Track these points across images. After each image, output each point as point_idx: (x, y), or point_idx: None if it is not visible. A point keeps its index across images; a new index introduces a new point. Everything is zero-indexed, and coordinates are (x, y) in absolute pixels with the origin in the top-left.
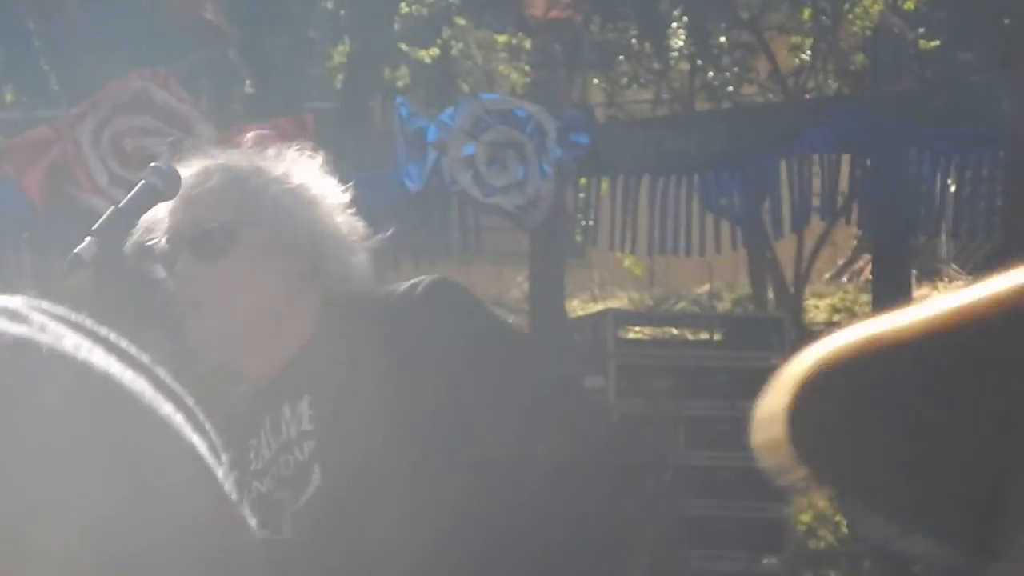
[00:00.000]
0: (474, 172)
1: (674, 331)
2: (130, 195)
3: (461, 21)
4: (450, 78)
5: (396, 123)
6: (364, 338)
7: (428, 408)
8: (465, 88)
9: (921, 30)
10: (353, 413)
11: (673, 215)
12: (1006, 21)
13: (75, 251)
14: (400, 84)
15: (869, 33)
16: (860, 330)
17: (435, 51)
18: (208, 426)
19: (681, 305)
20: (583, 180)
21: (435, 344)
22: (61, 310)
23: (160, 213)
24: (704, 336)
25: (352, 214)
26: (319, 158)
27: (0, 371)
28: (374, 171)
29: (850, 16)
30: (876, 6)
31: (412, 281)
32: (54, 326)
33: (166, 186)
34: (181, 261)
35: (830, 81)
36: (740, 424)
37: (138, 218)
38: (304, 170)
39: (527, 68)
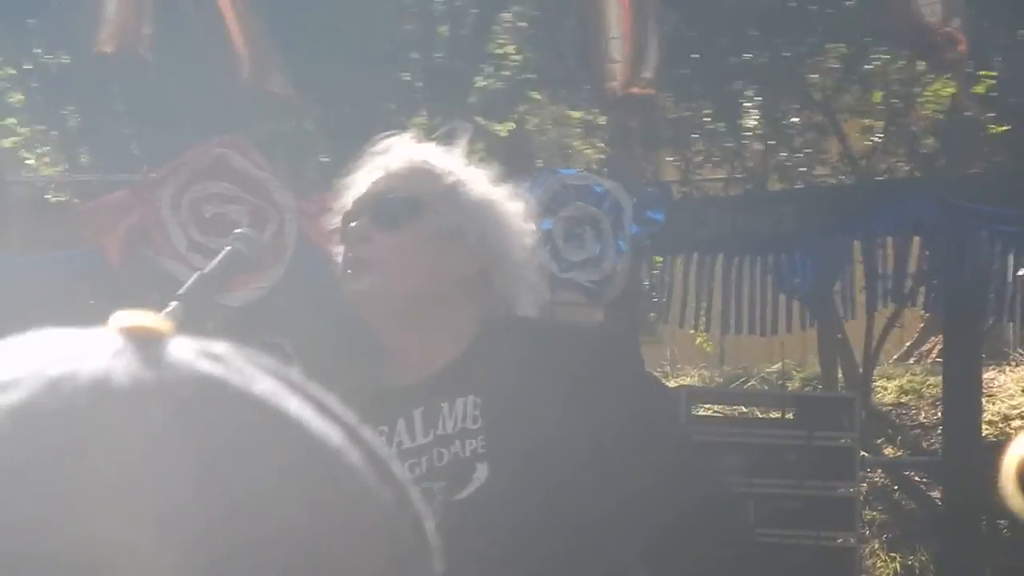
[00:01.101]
0: (551, 246)
1: (744, 409)
2: (215, 261)
3: (536, 96)
4: (525, 152)
5: None
6: (533, 354)
7: (595, 427)
8: (540, 163)
9: (992, 114)
10: (525, 419)
11: (748, 295)
12: None
13: (161, 315)
14: (477, 158)
15: (940, 116)
16: None
17: (510, 125)
18: (400, 478)
19: (751, 383)
20: (658, 258)
21: (607, 372)
22: (268, 359)
23: (353, 185)
24: (775, 415)
25: (537, 254)
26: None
27: (186, 408)
28: None
29: (921, 99)
30: (948, 89)
31: (582, 324)
32: (252, 371)
33: (250, 252)
34: (360, 222)
35: (901, 164)
36: (810, 502)
37: (221, 284)
38: (504, 194)
39: (601, 144)
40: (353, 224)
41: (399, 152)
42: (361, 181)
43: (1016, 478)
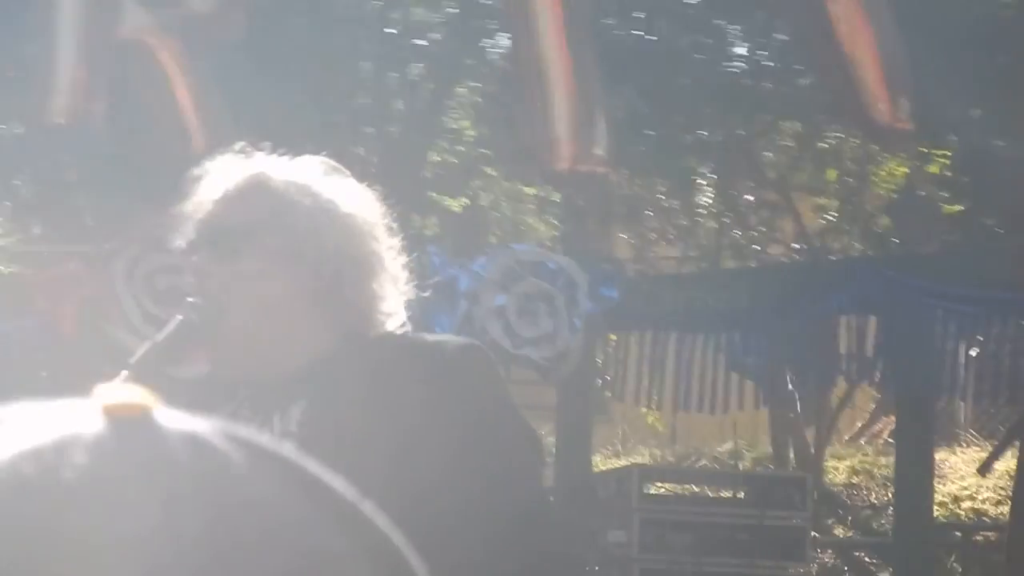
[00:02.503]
0: (504, 323)
1: (696, 488)
2: (166, 330)
3: (490, 171)
4: (478, 228)
5: (428, 271)
6: (378, 368)
7: (422, 451)
8: (493, 239)
9: (945, 194)
10: (345, 425)
11: (699, 372)
12: None
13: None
14: (428, 232)
15: (894, 196)
16: None
17: (464, 200)
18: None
19: (702, 463)
20: (612, 335)
21: (454, 397)
22: (254, 436)
23: (195, 203)
24: (727, 494)
25: (401, 261)
26: (374, 191)
27: (166, 507)
28: None
29: (875, 178)
30: (902, 169)
31: (446, 336)
32: (238, 454)
33: (203, 322)
34: (199, 256)
35: (855, 242)
36: None
37: (174, 354)
38: (348, 193)
39: (555, 220)
40: (193, 259)
41: (232, 170)
42: (198, 205)
43: None
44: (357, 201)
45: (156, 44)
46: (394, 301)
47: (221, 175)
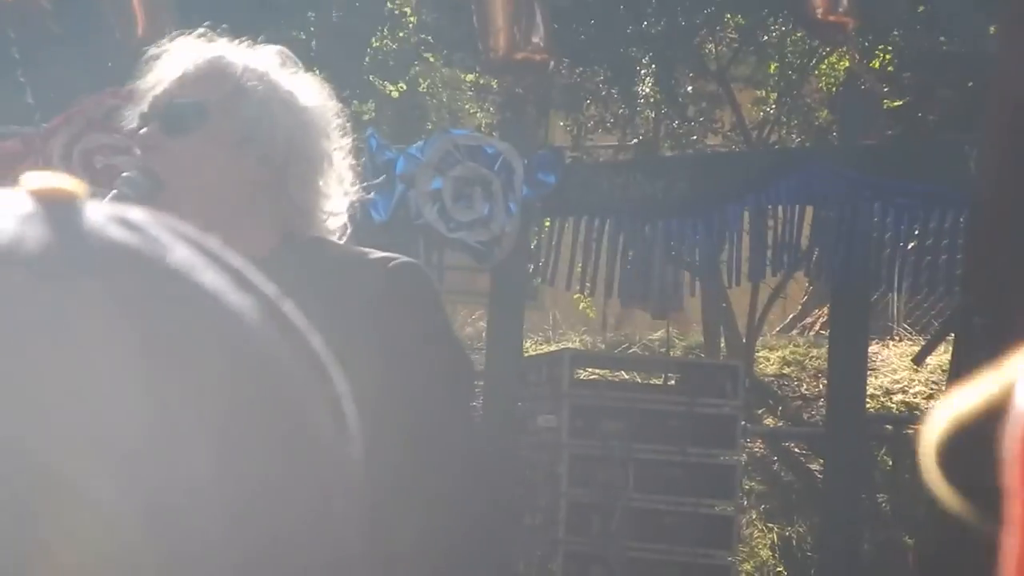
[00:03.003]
0: (440, 206)
1: (626, 375)
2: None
3: (430, 58)
4: (416, 114)
5: (365, 154)
6: (316, 275)
7: (357, 359)
8: (430, 126)
9: (887, 88)
10: None
11: (633, 260)
12: (970, 84)
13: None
14: (366, 117)
15: (835, 90)
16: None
17: (402, 86)
18: (318, 352)
19: (634, 350)
20: (547, 221)
21: (391, 312)
22: (189, 229)
23: (150, 80)
24: (658, 381)
25: (350, 162)
26: (333, 96)
27: (93, 277)
28: None
29: (816, 72)
30: (843, 63)
31: (387, 253)
32: (170, 240)
33: (136, 196)
34: (149, 128)
35: (794, 136)
36: (690, 469)
37: None
38: (304, 88)
39: (492, 109)
40: (143, 131)
41: (194, 52)
42: (154, 82)
43: (936, 457)
44: (313, 96)
45: None
46: (338, 201)
47: (180, 56)
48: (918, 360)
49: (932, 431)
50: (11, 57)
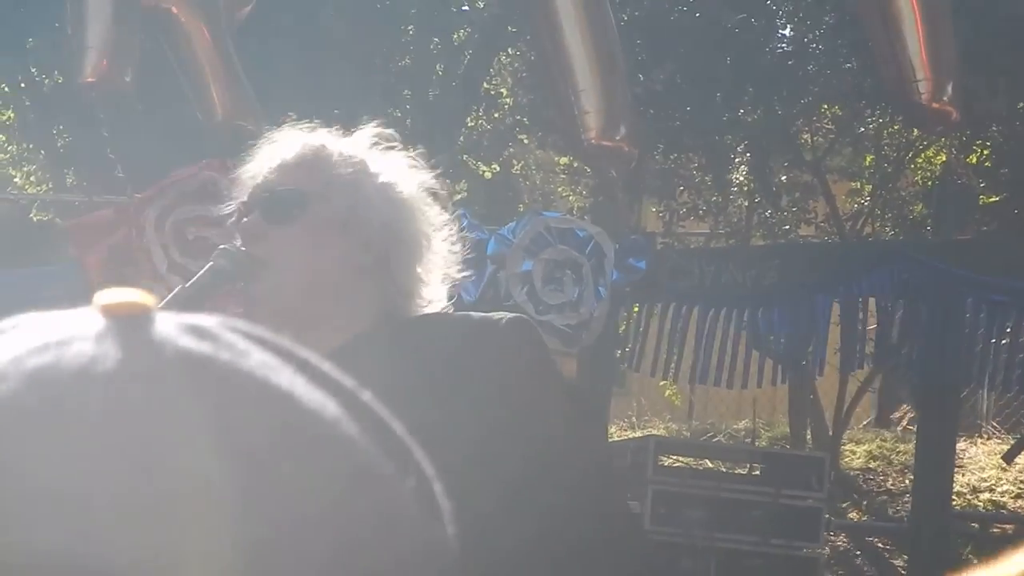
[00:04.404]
0: (530, 288)
1: (710, 464)
2: (197, 276)
3: (524, 139)
4: (509, 195)
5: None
6: (421, 345)
7: (472, 427)
8: (522, 207)
9: (983, 183)
10: (388, 405)
11: (719, 348)
12: None
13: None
14: (459, 197)
15: (930, 184)
16: None
17: (496, 167)
18: (403, 441)
19: (718, 439)
20: (635, 306)
21: (506, 372)
22: (261, 331)
23: (251, 170)
24: (742, 470)
25: (453, 243)
26: (430, 175)
27: (173, 391)
28: None
29: (912, 166)
30: (940, 157)
31: (489, 314)
32: (244, 345)
33: (233, 268)
34: (251, 218)
35: (887, 228)
36: (773, 561)
37: (203, 301)
38: (404, 174)
39: (585, 192)
40: (245, 220)
41: (292, 141)
42: (255, 172)
43: None
44: (410, 180)
45: (182, 13)
46: (437, 287)
47: (279, 144)
48: (1008, 458)
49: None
50: (101, 136)
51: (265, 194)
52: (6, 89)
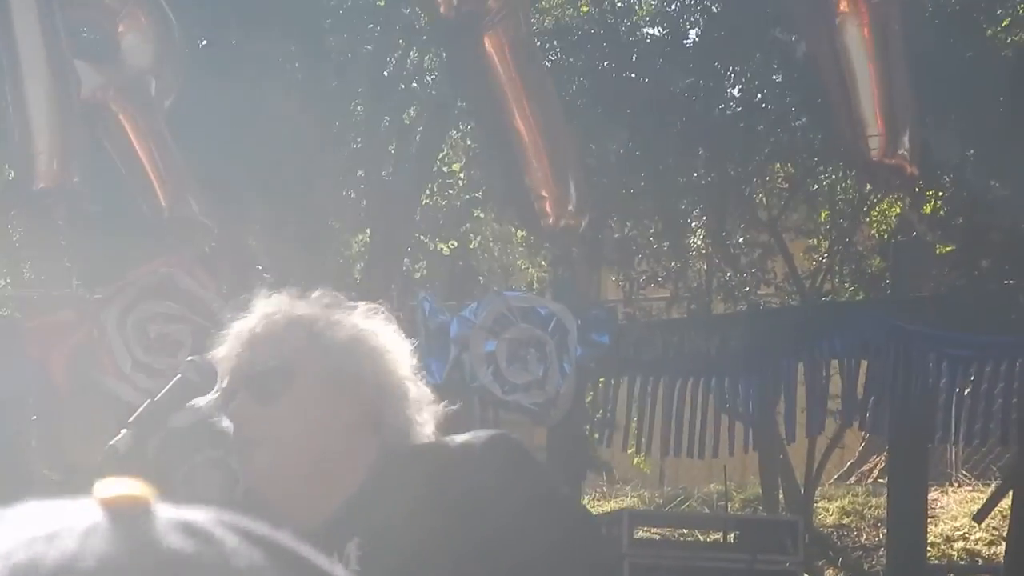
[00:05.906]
0: (494, 368)
1: (685, 532)
2: (166, 389)
3: (479, 215)
4: (469, 270)
5: (419, 317)
6: (418, 485)
7: (478, 558)
8: (482, 281)
9: (939, 233)
10: (402, 556)
11: (689, 417)
12: (1023, 226)
13: (111, 443)
14: (418, 275)
15: (886, 236)
16: None
17: (453, 243)
18: None
19: (690, 504)
20: (601, 380)
21: (493, 496)
22: (251, 525)
23: (223, 352)
24: (717, 537)
25: (421, 386)
26: (391, 318)
27: None
28: None
29: (867, 219)
30: (894, 209)
31: (471, 434)
32: (234, 543)
33: (201, 380)
34: (238, 400)
35: (847, 284)
36: None
37: (171, 413)
38: (373, 323)
39: (544, 263)
40: (232, 405)
41: (256, 315)
42: (227, 354)
43: None
44: (378, 328)
45: (116, 105)
46: (429, 427)
47: (247, 320)
48: (979, 517)
49: None
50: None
51: (247, 375)
52: None
